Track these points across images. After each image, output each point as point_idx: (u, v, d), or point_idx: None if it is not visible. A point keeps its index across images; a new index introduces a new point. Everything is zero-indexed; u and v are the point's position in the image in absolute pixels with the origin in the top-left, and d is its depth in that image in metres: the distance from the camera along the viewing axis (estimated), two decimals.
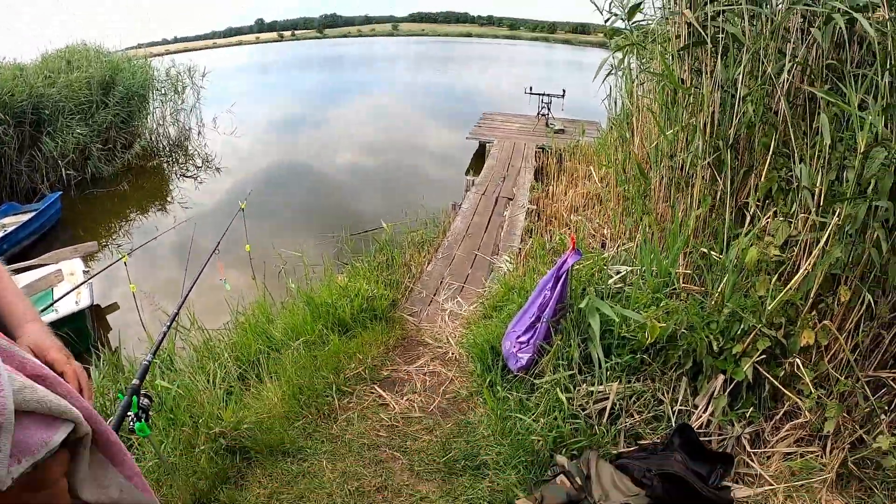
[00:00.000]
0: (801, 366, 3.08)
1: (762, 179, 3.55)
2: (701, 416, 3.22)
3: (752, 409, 3.22)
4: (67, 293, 5.25)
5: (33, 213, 8.25)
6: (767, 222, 3.40)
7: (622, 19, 5.02)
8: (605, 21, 5.05)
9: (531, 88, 15.99)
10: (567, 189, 7.71)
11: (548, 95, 15.73)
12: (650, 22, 5.18)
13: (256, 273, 5.64)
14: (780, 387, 3.13)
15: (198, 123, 14.90)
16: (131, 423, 2.20)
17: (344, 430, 3.54)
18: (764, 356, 3.13)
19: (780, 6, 3.56)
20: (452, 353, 4.19)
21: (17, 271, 6.33)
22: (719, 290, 3.38)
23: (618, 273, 3.97)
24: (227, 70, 33.45)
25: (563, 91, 15.43)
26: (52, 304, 5.43)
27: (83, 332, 5.86)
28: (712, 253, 3.67)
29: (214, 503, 3.06)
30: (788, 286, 3.08)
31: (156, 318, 5.72)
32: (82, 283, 5.40)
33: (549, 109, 15.66)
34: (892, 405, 3.07)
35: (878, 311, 3.00)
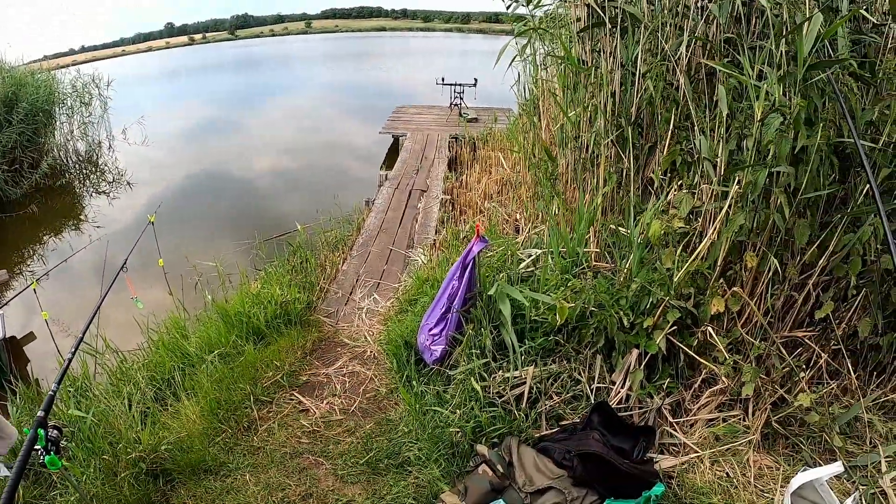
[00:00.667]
0: (713, 334, 3.13)
1: (665, 154, 3.60)
2: (619, 392, 3.23)
3: (669, 380, 3.26)
4: None
5: None
6: (672, 195, 3.45)
7: (523, 5, 5.02)
8: (507, 8, 5.05)
9: (443, 79, 15.89)
10: (481, 177, 7.71)
11: (460, 85, 15.68)
12: (552, 6, 5.21)
13: (173, 287, 5.37)
14: (695, 356, 3.17)
15: (107, 136, 14.06)
16: (42, 457, 2.03)
17: (265, 441, 3.41)
18: (676, 327, 3.17)
19: None
20: (371, 352, 4.10)
21: None
22: (627, 265, 3.41)
23: (529, 257, 3.96)
24: (137, 77, 31.80)
25: (475, 80, 15.42)
26: None
27: None
28: (620, 229, 3.70)
29: None
30: (694, 255, 3.12)
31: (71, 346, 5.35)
32: None
33: (461, 99, 15.62)
34: (810, 363, 3.16)
35: (788, 273, 3.07)
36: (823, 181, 2.89)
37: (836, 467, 2.56)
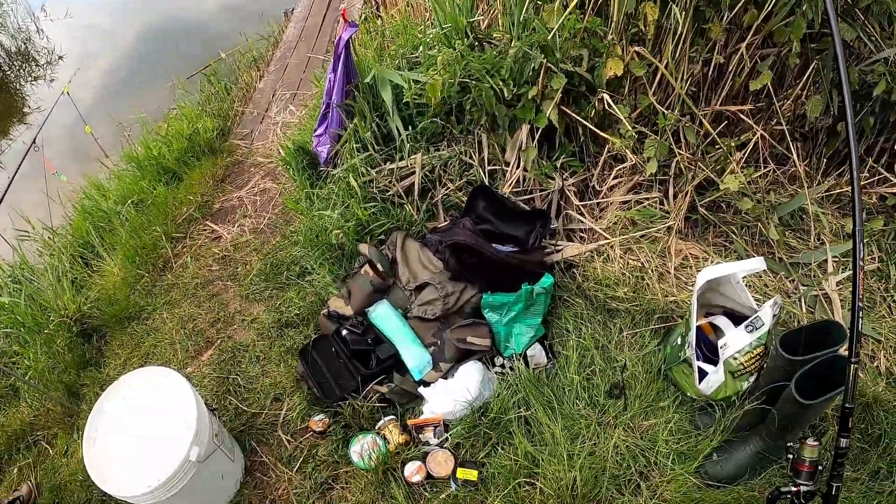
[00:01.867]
0: (611, 103, 2.62)
1: None
2: (515, 173, 2.88)
3: (570, 158, 2.86)
4: None
5: None
6: None
7: None
8: None
9: None
10: None
11: None
12: None
13: (104, 150, 4.93)
14: (595, 129, 2.71)
15: (32, 18, 12.25)
16: None
17: (179, 277, 3.33)
18: (570, 98, 2.71)
19: None
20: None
21: None
22: (505, 29, 2.86)
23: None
24: None
25: None
26: None
27: None
28: None
29: (83, 389, 2.95)
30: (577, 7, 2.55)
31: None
32: None
33: None
34: (749, 147, 2.67)
35: (711, 33, 2.45)
36: None
37: (756, 263, 2.23)
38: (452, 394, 2.24)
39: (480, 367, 2.35)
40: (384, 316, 2.52)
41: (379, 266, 2.61)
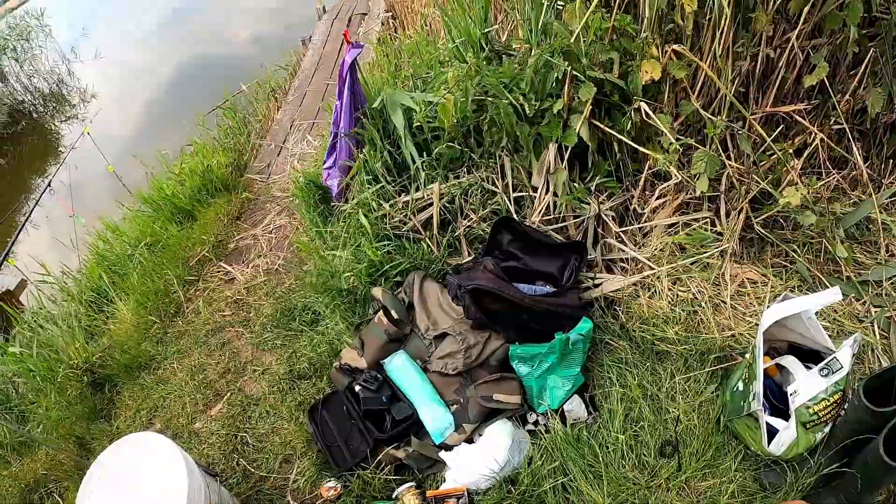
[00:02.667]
0: (649, 112, 2.25)
1: None
2: (544, 199, 2.52)
3: (607, 178, 2.48)
4: None
5: None
6: None
7: None
8: None
9: None
10: None
11: None
12: None
13: (133, 190, 4.72)
14: (632, 144, 2.33)
15: (63, 60, 12.33)
16: None
17: (191, 323, 3.11)
18: (600, 110, 2.37)
19: None
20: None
21: None
22: (524, 37, 2.54)
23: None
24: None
25: None
26: None
27: None
28: None
29: (93, 442, 2.72)
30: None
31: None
32: None
33: None
34: (807, 152, 2.27)
35: (758, 24, 2.08)
36: None
37: (831, 295, 1.82)
38: (477, 461, 1.90)
39: (510, 428, 2.00)
40: (401, 369, 2.21)
41: (394, 313, 2.30)
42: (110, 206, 4.39)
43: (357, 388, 2.18)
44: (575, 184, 2.49)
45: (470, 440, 2.01)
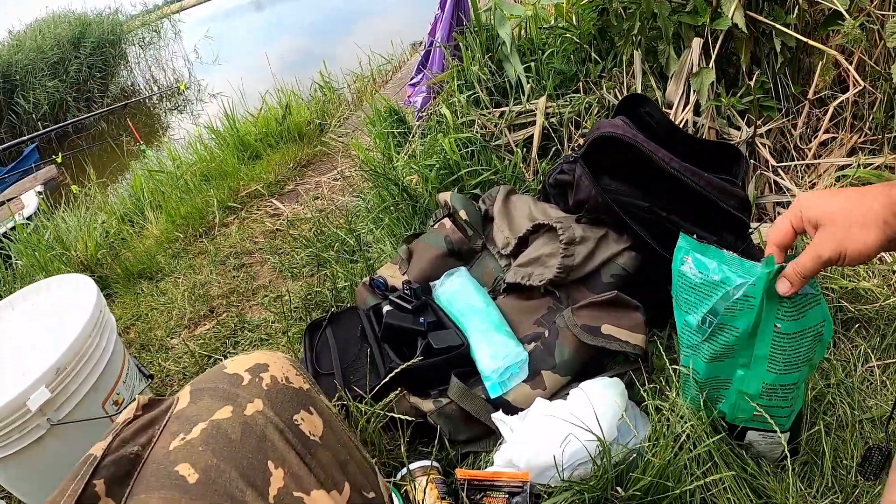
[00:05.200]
0: None
1: None
2: (681, 115, 1.74)
3: (763, 96, 1.70)
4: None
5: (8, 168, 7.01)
6: None
7: None
8: None
9: None
10: None
11: None
12: None
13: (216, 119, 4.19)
14: (799, 36, 1.57)
15: (184, 61, 12.88)
16: None
17: (218, 244, 2.38)
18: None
19: None
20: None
21: None
22: None
23: None
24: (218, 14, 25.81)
25: None
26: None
27: None
28: None
29: None
30: None
31: None
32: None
33: None
34: None
35: None
36: None
37: None
38: (560, 431, 0.98)
39: (622, 388, 1.06)
40: (458, 292, 1.35)
41: (463, 213, 1.47)
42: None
43: (387, 307, 1.34)
44: (723, 95, 1.69)
45: (551, 397, 1.11)
